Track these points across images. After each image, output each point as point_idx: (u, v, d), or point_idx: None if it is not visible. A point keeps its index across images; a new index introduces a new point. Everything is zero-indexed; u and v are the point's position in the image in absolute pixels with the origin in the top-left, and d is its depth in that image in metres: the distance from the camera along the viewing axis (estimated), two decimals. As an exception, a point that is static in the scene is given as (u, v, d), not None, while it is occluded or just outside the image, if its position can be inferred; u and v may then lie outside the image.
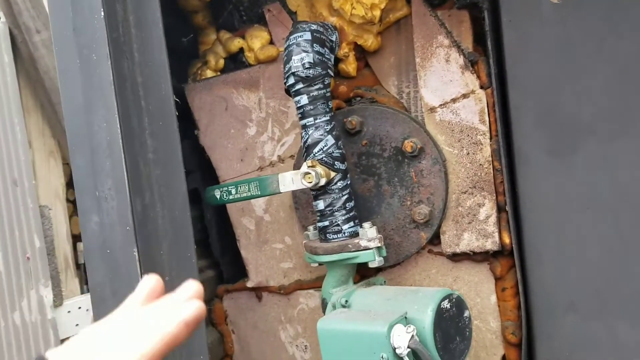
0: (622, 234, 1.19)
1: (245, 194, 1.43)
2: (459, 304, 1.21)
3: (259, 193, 1.41)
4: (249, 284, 1.67)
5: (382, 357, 1.13)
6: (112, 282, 1.23)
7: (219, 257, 1.77)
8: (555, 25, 1.22)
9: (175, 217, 1.26)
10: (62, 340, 2.76)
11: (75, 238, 2.96)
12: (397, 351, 1.11)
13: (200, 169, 1.74)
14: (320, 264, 1.40)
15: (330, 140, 1.32)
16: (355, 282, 1.39)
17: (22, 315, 2.54)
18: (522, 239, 1.30)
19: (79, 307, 2.87)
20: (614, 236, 1.20)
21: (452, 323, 1.19)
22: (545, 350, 1.29)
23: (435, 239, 1.42)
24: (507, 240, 1.32)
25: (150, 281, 0.71)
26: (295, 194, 1.55)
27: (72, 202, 2.93)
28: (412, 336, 1.12)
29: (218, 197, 1.48)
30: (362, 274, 1.50)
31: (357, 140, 1.45)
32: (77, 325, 2.85)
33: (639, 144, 1.16)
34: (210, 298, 1.74)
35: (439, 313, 1.16)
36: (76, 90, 1.24)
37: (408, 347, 1.11)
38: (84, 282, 2.99)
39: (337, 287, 1.37)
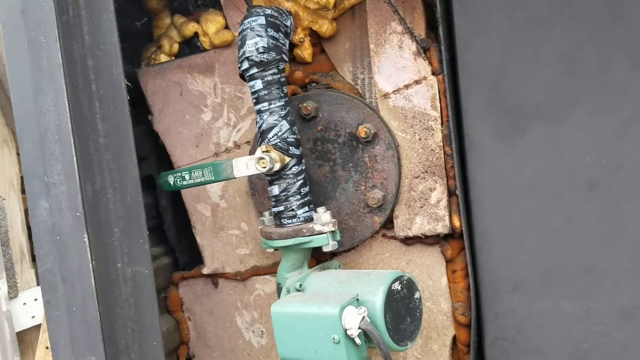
0: (567, 214, 1.23)
1: (199, 180, 1.42)
2: (409, 286, 1.24)
3: (213, 178, 1.40)
4: (205, 271, 1.67)
5: (333, 339, 1.14)
6: (62, 268, 1.21)
7: (174, 244, 1.76)
8: (504, 12, 1.24)
9: (128, 202, 1.24)
10: (18, 334, 2.69)
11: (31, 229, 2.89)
12: (349, 332, 1.13)
13: (155, 155, 1.72)
14: (276, 249, 1.41)
15: (285, 125, 1.33)
16: (310, 267, 1.41)
17: (-25, 307, 2.47)
18: (471, 222, 1.33)
19: (35, 299, 2.79)
20: (559, 217, 1.24)
21: (402, 304, 1.22)
22: (493, 329, 1.33)
23: (389, 223, 1.44)
24: (457, 223, 1.35)
25: None
26: (251, 180, 1.55)
27: (28, 193, 2.86)
28: (363, 317, 1.13)
29: (172, 182, 1.47)
30: (318, 258, 1.51)
31: (313, 125, 1.46)
32: (33, 317, 2.78)
33: (583, 127, 1.20)
34: (166, 285, 1.73)
35: (390, 294, 1.18)
36: (24, 73, 1.21)
37: (359, 328, 1.13)
38: (39, 273, 2.92)
39: (292, 271, 1.38)
